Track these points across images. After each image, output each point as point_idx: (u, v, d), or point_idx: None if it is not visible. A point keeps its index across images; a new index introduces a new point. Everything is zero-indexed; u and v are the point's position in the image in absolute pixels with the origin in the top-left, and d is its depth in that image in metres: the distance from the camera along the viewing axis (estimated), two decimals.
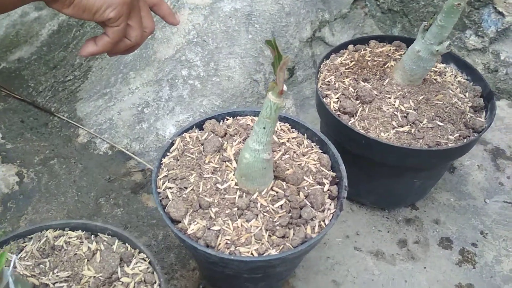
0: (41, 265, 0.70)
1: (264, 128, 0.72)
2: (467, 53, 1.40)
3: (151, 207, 1.08)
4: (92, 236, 0.76)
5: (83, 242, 0.73)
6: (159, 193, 0.80)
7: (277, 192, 0.79)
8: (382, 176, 1.01)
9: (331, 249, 1.05)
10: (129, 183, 1.11)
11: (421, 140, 0.92)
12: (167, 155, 0.85)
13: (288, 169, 0.82)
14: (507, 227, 1.12)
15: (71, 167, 1.12)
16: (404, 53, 1.06)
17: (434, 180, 1.07)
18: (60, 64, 1.27)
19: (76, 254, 0.72)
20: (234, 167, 0.82)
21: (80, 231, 0.75)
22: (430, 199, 1.16)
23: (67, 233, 0.75)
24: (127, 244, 0.75)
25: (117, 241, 0.74)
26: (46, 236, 0.73)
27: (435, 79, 1.03)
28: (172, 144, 0.87)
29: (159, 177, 0.82)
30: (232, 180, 0.80)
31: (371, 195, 1.09)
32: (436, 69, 1.06)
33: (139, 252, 0.74)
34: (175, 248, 1.01)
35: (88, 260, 0.71)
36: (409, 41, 1.10)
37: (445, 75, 1.05)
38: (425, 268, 1.03)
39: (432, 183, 1.08)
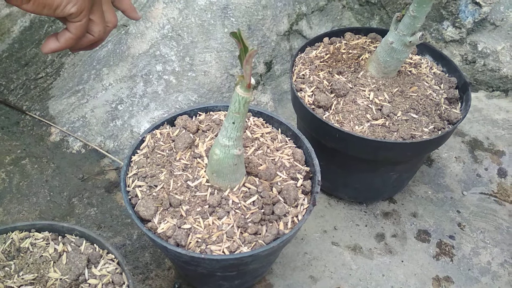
0: (6, 268, 0.68)
1: (233, 123, 0.70)
2: (445, 44, 1.40)
3: (126, 206, 1.05)
4: (60, 237, 0.74)
5: (49, 243, 0.72)
6: (128, 191, 0.78)
7: (249, 189, 0.78)
8: (358, 170, 1.01)
9: (309, 244, 1.04)
10: (103, 182, 1.09)
11: (395, 133, 0.91)
12: (137, 153, 0.84)
13: (261, 165, 0.81)
14: (484, 219, 1.12)
15: (43, 167, 1.10)
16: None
17: (410, 173, 1.07)
18: (32, 61, 1.24)
19: (42, 256, 0.70)
20: (206, 164, 0.80)
21: (46, 232, 0.74)
22: (407, 192, 1.16)
23: (33, 235, 0.73)
24: (95, 244, 0.73)
25: (84, 242, 0.73)
26: (12, 238, 0.71)
27: (410, 71, 1.02)
28: (142, 141, 0.85)
29: (128, 175, 0.80)
30: (203, 177, 0.78)
31: (349, 190, 1.08)
32: (411, 61, 1.06)
33: (108, 253, 0.72)
34: (150, 247, 1.00)
35: (54, 262, 0.69)
36: (384, 33, 1.08)
37: (420, 67, 1.05)
38: (402, 261, 1.03)
39: (409, 176, 1.08)
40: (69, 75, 1.22)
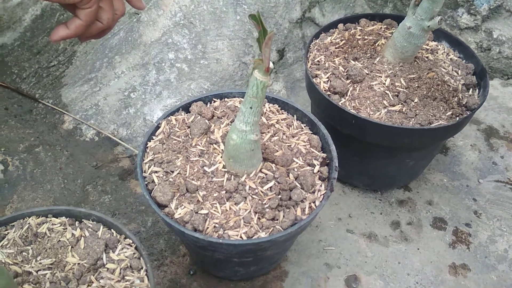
0: (23, 253, 0.68)
1: (251, 108, 0.69)
2: (460, 31, 1.38)
3: (140, 193, 1.05)
4: (77, 222, 0.73)
5: (66, 228, 0.71)
6: (144, 177, 0.78)
7: (266, 174, 0.77)
8: (374, 157, 1.00)
9: (324, 232, 1.03)
10: (117, 170, 1.09)
11: (413, 119, 0.90)
12: (153, 139, 0.83)
13: (277, 151, 0.80)
14: (501, 207, 1.11)
15: (56, 154, 1.09)
16: (395, 31, 1.04)
17: (426, 160, 1.06)
18: (44, 49, 1.23)
19: (59, 241, 0.70)
20: (222, 150, 0.80)
21: (63, 217, 0.73)
22: (423, 180, 1.15)
23: (50, 220, 0.73)
24: (112, 230, 0.73)
25: (102, 227, 0.72)
26: (29, 223, 0.71)
27: (427, 57, 1.01)
28: (157, 127, 0.85)
29: (144, 161, 0.80)
30: (219, 162, 0.78)
31: (363, 177, 1.07)
32: (427, 47, 1.04)
33: (125, 238, 0.72)
34: (164, 234, 0.99)
35: (72, 247, 0.69)
36: (400, 19, 1.07)
37: (437, 53, 1.03)
38: (418, 249, 1.02)
39: (425, 163, 1.07)
40: (82, 63, 1.21)
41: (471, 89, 0.98)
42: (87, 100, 1.17)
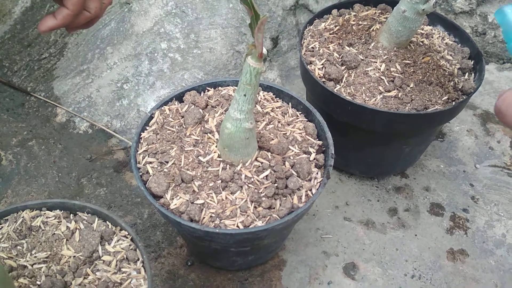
0: (18, 247, 0.67)
1: (244, 95, 0.68)
2: (454, 16, 1.37)
3: (135, 186, 1.05)
4: (71, 215, 0.72)
5: (61, 221, 0.71)
6: (139, 168, 0.77)
7: (261, 163, 0.76)
8: (371, 144, 0.99)
9: (321, 220, 1.03)
10: (111, 162, 1.08)
11: (409, 104, 0.89)
12: (146, 129, 0.82)
13: (272, 139, 0.80)
14: (498, 192, 1.11)
15: (50, 148, 1.08)
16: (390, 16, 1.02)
17: (423, 146, 1.05)
18: (34, 41, 1.22)
19: (54, 234, 0.69)
20: (217, 139, 0.79)
21: (58, 210, 0.72)
22: (419, 166, 1.15)
23: (45, 213, 0.72)
24: (107, 222, 0.72)
25: (97, 219, 0.72)
26: (23, 217, 0.70)
27: (422, 42, 1.00)
28: (151, 117, 0.83)
29: (138, 152, 0.79)
30: (214, 152, 0.77)
31: (360, 165, 1.06)
32: (422, 31, 1.03)
33: (121, 230, 0.71)
34: (161, 226, 0.99)
35: (67, 240, 0.68)
36: (394, 4, 1.06)
37: (432, 37, 1.02)
38: (416, 235, 1.02)
39: (422, 149, 1.06)
40: (73, 55, 1.20)
41: (467, 74, 0.97)
42: (79, 92, 1.16)
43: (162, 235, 0.97)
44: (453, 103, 0.91)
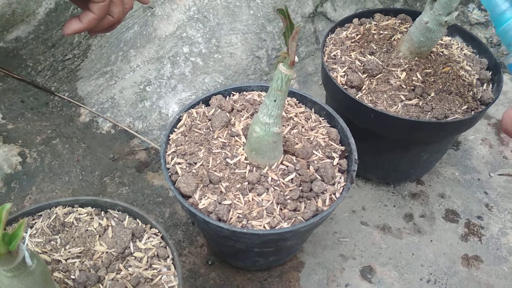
0: (52, 242, 0.70)
1: (275, 101, 0.71)
2: (470, 27, 1.39)
3: (157, 185, 1.07)
4: (102, 212, 0.75)
5: (93, 218, 0.73)
6: (168, 168, 0.79)
7: (287, 166, 0.78)
8: (389, 151, 1.01)
9: (338, 224, 1.05)
10: (134, 162, 1.10)
11: (429, 113, 0.91)
12: (175, 131, 0.84)
13: (297, 143, 0.82)
14: (511, 200, 1.12)
15: (74, 147, 1.11)
16: (410, 26, 1.05)
17: (440, 154, 1.07)
18: (58, 42, 1.24)
19: (87, 230, 0.71)
20: (243, 142, 0.81)
21: (89, 207, 0.75)
22: (435, 173, 1.17)
23: (77, 210, 0.74)
24: (138, 219, 0.74)
25: (127, 217, 0.74)
26: (56, 213, 0.72)
27: (442, 52, 1.02)
28: (179, 120, 0.86)
29: (167, 153, 0.81)
30: (241, 154, 0.79)
31: (378, 170, 1.08)
32: (442, 42, 1.05)
33: (151, 227, 0.73)
34: (182, 225, 1.01)
35: (99, 236, 0.70)
36: (413, 14, 1.09)
37: (451, 48, 1.04)
38: (431, 241, 1.03)
39: (438, 156, 1.08)
40: (97, 56, 1.22)
41: (485, 84, 1.00)
42: (103, 93, 1.18)
43: (183, 234, 1.00)
44: (472, 112, 0.93)
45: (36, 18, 1.31)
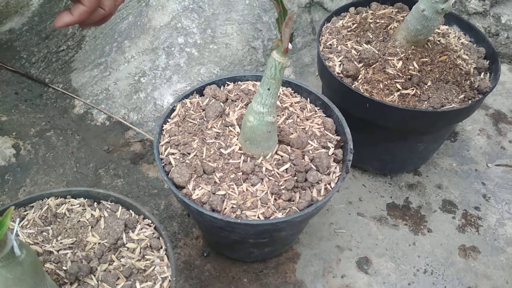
0: (44, 233, 0.69)
1: (268, 89, 0.70)
2: (468, 17, 1.38)
3: (152, 177, 1.06)
4: (95, 203, 0.74)
5: (86, 209, 0.72)
6: (161, 159, 0.78)
7: (282, 156, 0.78)
8: (386, 141, 1.00)
9: (335, 215, 1.04)
10: (128, 154, 1.09)
11: (426, 102, 0.90)
12: (168, 121, 0.84)
13: (292, 133, 0.81)
14: (509, 191, 1.12)
15: (68, 139, 1.10)
16: (406, 15, 1.03)
17: (437, 144, 1.06)
18: (52, 34, 1.23)
19: (79, 221, 0.70)
20: (237, 132, 0.80)
21: (82, 198, 0.74)
22: (432, 164, 1.16)
23: (69, 201, 0.73)
24: (131, 210, 0.73)
25: (120, 207, 0.73)
26: (48, 204, 0.72)
27: (439, 41, 1.01)
28: (172, 110, 0.85)
29: (161, 144, 0.80)
30: (236, 145, 0.78)
31: (374, 161, 1.08)
32: (439, 31, 1.04)
33: (144, 218, 0.72)
34: (177, 217, 1.00)
35: (92, 227, 0.70)
36: (411, 3, 1.07)
37: (449, 37, 1.03)
38: (428, 232, 1.03)
39: (435, 147, 1.07)
40: (91, 47, 1.21)
41: (482, 73, 0.99)
42: (97, 85, 1.17)
43: (178, 226, 0.99)
44: (469, 101, 0.92)
45: (30, 10, 1.30)
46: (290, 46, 0.66)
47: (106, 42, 1.21)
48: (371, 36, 0.99)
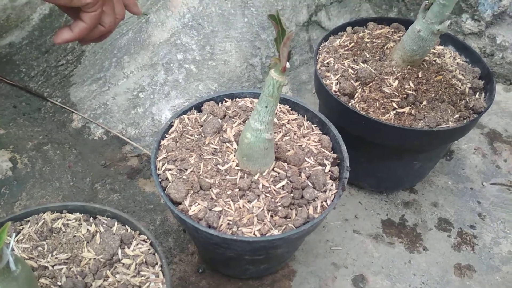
0: (39, 248, 0.69)
1: (266, 107, 0.70)
2: (463, 37, 1.40)
3: (148, 192, 1.06)
4: (91, 218, 0.74)
5: (81, 224, 0.72)
6: (158, 174, 0.78)
7: (278, 173, 0.78)
8: (382, 159, 1.01)
9: (331, 232, 1.04)
10: (125, 168, 1.09)
11: (421, 121, 0.91)
12: (166, 137, 0.84)
13: (289, 150, 0.81)
14: (504, 209, 1.12)
15: (65, 153, 1.10)
16: (403, 35, 1.05)
17: (432, 163, 1.07)
18: (52, 48, 1.24)
19: (75, 236, 0.70)
20: (235, 148, 0.81)
21: (78, 213, 0.74)
22: (428, 182, 1.16)
23: (65, 216, 0.73)
24: (127, 226, 0.73)
25: (116, 223, 0.73)
26: (44, 219, 0.72)
27: (434, 61, 1.02)
28: (170, 125, 0.85)
29: (158, 159, 0.81)
30: (233, 161, 0.79)
31: (370, 179, 1.08)
32: (434, 51, 1.06)
33: (140, 234, 0.72)
34: (173, 232, 1.00)
35: (87, 242, 0.70)
36: (407, 23, 1.09)
37: (444, 57, 1.05)
38: (424, 250, 1.03)
39: (431, 165, 1.08)
40: (90, 62, 1.22)
41: (477, 93, 1.00)
42: (95, 99, 1.18)
43: (174, 242, 0.99)
44: (465, 121, 0.93)
45: (30, 24, 1.31)
46: (288, 65, 0.67)
47: (106, 57, 1.22)
48: (367, 55, 1.01)
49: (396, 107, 0.93)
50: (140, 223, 0.72)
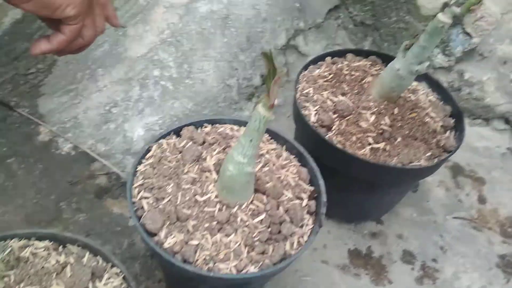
0: (5, 279, 0.65)
1: (251, 140, 0.70)
2: (433, 71, 1.44)
3: (116, 213, 1.03)
4: (60, 247, 0.71)
5: (50, 254, 0.69)
6: (133, 202, 0.76)
7: (257, 206, 0.77)
8: (355, 191, 1.02)
9: (299, 261, 1.04)
10: (93, 187, 1.06)
11: (395, 158, 0.93)
12: (143, 162, 0.82)
13: (268, 182, 0.81)
14: (465, 244, 1.16)
15: (30, 167, 1.05)
16: (380, 69, 1.08)
17: (402, 195, 1.10)
18: (22, 55, 1.19)
19: (43, 267, 0.67)
20: (214, 178, 0.79)
21: (47, 241, 0.70)
22: (394, 213, 1.19)
23: (33, 244, 0.70)
24: (98, 256, 0.70)
25: (87, 253, 0.70)
26: (11, 246, 0.68)
27: (409, 97, 1.05)
28: (148, 150, 0.83)
29: (134, 186, 0.78)
30: (212, 192, 0.77)
31: (341, 209, 1.09)
32: (409, 87, 1.08)
33: (112, 266, 0.70)
34: (140, 257, 0.97)
35: (57, 274, 0.66)
36: (383, 57, 1.12)
37: (418, 93, 1.08)
38: (389, 282, 1.05)
39: (400, 198, 1.11)
40: (62, 73, 1.18)
41: (448, 131, 1.03)
42: (65, 112, 1.13)
43: (140, 267, 0.96)
44: (435, 160, 0.96)
45: (0, 28, 1.25)
46: (276, 102, 0.67)
47: (79, 69, 1.18)
48: (346, 88, 1.02)
49: (372, 142, 0.94)
50: (113, 256, 0.70)
